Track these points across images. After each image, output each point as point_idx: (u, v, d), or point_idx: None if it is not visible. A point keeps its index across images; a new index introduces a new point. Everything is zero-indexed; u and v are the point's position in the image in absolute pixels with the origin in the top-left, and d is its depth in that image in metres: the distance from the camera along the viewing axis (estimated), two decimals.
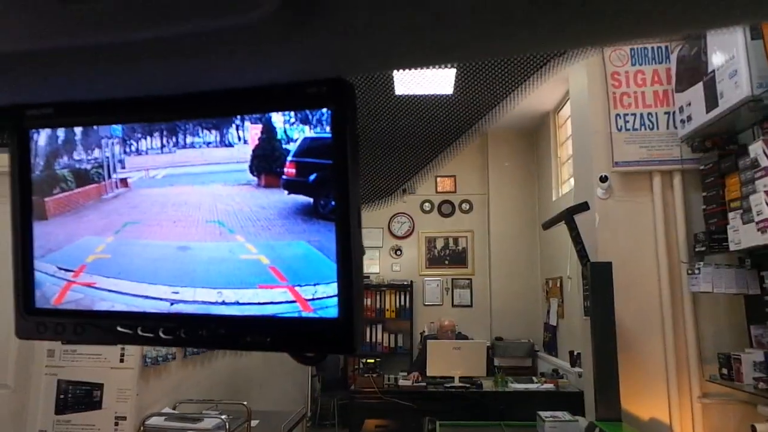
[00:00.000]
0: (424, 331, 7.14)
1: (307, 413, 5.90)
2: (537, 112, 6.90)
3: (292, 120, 0.40)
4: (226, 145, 0.41)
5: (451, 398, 5.03)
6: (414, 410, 5.01)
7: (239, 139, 0.41)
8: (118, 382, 3.14)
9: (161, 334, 0.41)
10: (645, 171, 3.66)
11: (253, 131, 0.41)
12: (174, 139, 0.42)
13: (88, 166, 0.44)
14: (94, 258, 0.43)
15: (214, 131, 0.41)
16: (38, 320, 0.45)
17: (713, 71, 3.01)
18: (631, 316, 3.48)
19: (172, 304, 0.42)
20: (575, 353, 5.88)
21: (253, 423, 3.73)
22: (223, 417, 3.24)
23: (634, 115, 3.62)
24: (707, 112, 3.09)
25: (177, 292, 0.42)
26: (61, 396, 3.16)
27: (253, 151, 0.42)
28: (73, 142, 0.45)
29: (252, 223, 0.41)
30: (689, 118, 3.32)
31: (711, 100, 3.05)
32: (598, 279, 3.39)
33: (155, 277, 0.42)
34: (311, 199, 0.40)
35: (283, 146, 0.41)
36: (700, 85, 3.16)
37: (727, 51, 2.85)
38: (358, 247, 0.40)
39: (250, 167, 0.42)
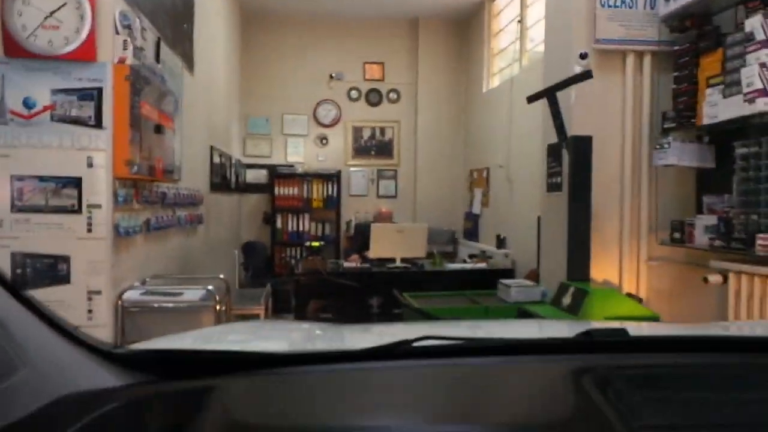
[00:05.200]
0: (350, 220, 7.15)
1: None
2: (470, 1, 6.80)
3: None
4: None
5: (394, 277, 5.18)
6: (358, 290, 5.11)
7: None
8: (88, 254, 2.75)
9: None
10: (620, 50, 3.80)
11: None
12: None
13: None
14: None
15: None
16: None
17: None
18: (595, 188, 3.70)
19: None
20: (501, 236, 6.31)
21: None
22: (210, 288, 3.02)
23: None
24: None
25: None
26: (18, 270, 2.71)
27: None
28: None
29: None
30: None
31: None
32: (579, 151, 3.55)
33: None
34: None
35: None
36: None
37: None
38: None
39: None
